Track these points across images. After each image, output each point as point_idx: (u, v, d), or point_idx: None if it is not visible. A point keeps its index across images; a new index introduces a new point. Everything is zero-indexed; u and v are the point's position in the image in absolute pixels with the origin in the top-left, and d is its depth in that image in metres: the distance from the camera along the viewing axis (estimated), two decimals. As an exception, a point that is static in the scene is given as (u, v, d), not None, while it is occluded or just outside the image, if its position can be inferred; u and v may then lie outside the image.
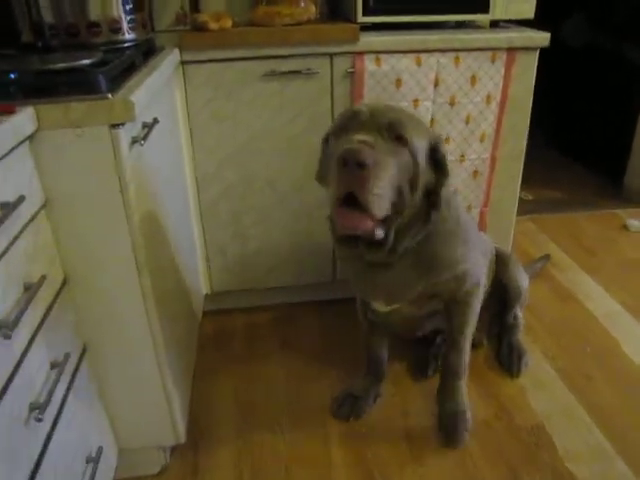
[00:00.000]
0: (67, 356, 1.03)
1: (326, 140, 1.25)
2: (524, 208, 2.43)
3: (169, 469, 1.42)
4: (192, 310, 1.74)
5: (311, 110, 1.71)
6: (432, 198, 1.19)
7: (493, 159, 1.85)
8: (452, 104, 1.73)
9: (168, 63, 1.38)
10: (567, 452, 1.44)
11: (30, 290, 0.90)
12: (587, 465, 1.40)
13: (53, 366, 0.99)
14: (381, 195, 1.06)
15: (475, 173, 1.86)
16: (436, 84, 1.70)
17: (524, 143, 1.85)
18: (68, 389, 1.05)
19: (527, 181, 1.93)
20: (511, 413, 1.56)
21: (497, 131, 1.80)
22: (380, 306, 1.40)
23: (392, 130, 1.09)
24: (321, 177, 1.28)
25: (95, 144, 0.99)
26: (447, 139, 1.78)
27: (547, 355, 1.79)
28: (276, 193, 1.82)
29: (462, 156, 1.83)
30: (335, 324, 1.96)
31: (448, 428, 1.48)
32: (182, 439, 1.38)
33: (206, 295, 1.99)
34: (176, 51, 1.53)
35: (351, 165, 1.01)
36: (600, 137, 3.16)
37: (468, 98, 1.73)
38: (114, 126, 0.99)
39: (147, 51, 1.40)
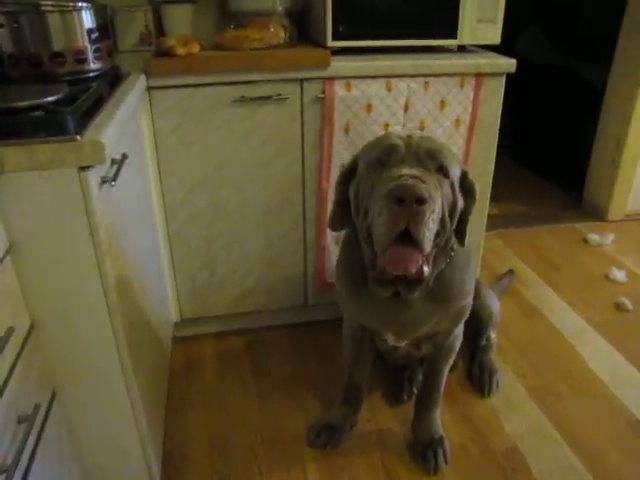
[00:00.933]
0: (37, 407, 0.98)
1: (345, 180, 1.22)
2: (491, 223, 2.45)
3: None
4: (162, 342, 1.70)
5: (281, 135, 1.69)
6: (459, 226, 1.18)
7: (462, 181, 1.87)
8: (422, 128, 1.74)
9: (135, 92, 1.34)
10: (541, 473, 1.46)
11: (-3, 344, 0.86)
12: (561, 487, 1.43)
13: (21, 421, 0.94)
14: (432, 230, 1.05)
15: (444, 195, 1.88)
16: (406, 109, 1.71)
17: (492, 165, 1.88)
18: (37, 442, 1.00)
19: (493, 195, 1.95)
20: (485, 436, 1.58)
21: (466, 154, 1.82)
22: (390, 340, 1.37)
23: (433, 160, 1.08)
24: (336, 224, 1.26)
25: (63, 187, 0.95)
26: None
27: (518, 374, 1.81)
28: (246, 219, 1.80)
29: (432, 178, 1.84)
30: (307, 348, 1.95)
31: (425, 456, 1.48)
32: (157, 481, 1.34)
33: (175, 322, 1.95)
34: (142, 77, 1.49)
35: (409, 202, 1.00)
36: (562, 152, 3.26)
37: (438, 122, 1.75)
38: (83, 168, 0.95)
39: (113, 80, 1.35)
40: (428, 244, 1.06)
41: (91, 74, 1.31)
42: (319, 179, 1.77)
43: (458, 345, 1.45)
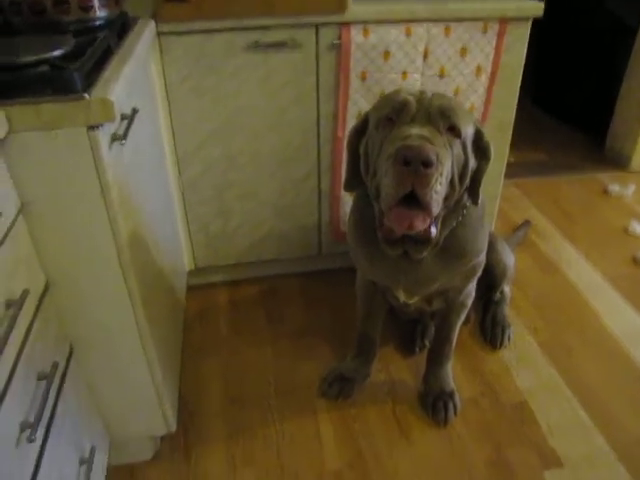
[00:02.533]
0: (55, 365, 1.00)
1: (355, 137, 1.18)
2: (508, 171, 2.39)
3: (161, 455, 1.43)
4: (176, 292, 1.71)
5: (296, 83, 1.63)
6: (472, 186, 1.15)
7: (481, 132, 1.81)
8: (441, 76, 1.67)
9: (144, 40, 1.28)
10: (550, 428, 1.49)
11: (13, 306, 0.86)
12: (568, 441, 1.45)
13: (41, 377, 0.96)
14: (440, 192, 1.02)
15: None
16: (425, 56, 1.63)
17: (513, 115, 1.81)
18: (57, 398, 1.03)
19: (511, 142, 1.89)
20: (496, 391, 1.60)
21: (486, 103, 1.75)
22: (401, 297, 1.37)
23: (444, 119, 1.04)
24: (351, 184, 1.24)
25: (72, 147, 0.92)
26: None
27: (530, 328, 1.82)
28: (260, 168, 1.77)
29: (450, 129, 1.78)
30: (321, 297, 1.96)
31: (435, 408, 1.51)
32: (173, 428, 1.38)
33: (190, 271, 1.96)
34: (152, 23, 1.43)
35: (415, 164, 0.96)
36: (586, 97, 3.12)
37: (458, 70, 1.67)
38: (92, 127, 0.92)
39: (121, 28, 1.29)
40: (435, 206, 1.03)
41: (97, 22, 1.25)
42: (334, 128, 1.72)
43: (470, 301, 1.45)
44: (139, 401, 1.28)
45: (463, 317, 1.47)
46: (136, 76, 1.19)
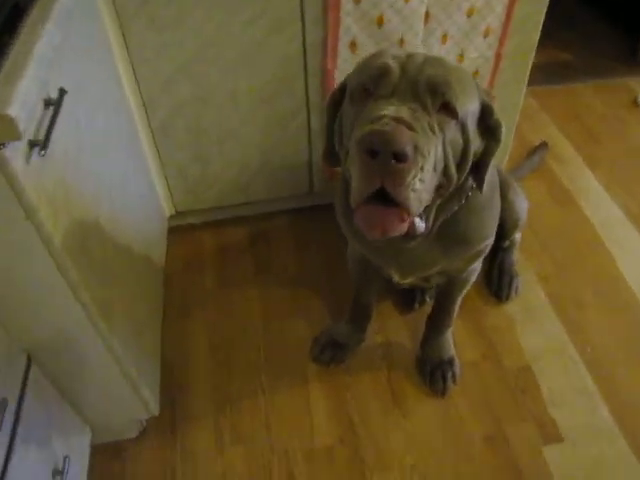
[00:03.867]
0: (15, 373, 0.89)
1: (334, 103, 0.96)
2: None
3: (147, 432, 1.38)
4: (153, 249, 1.57)
5: (277, 7, 1.34)
6: (477, 170, 0.93)
7: (498, 57, 1.53)
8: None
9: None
10: (552, 396, 1.41)
11: None
12: (570, 411, 1.38)
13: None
14: (424, 189, 0.81)
15: (475, 73, 1.55)
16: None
17: (537, 36, 1.51)
18: (17, 414, 0.94)
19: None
20: (498, 353, 1.50)
21: (505, 24, 1.45)
22: (394, 277, 1.21)
23: (435, 95, 0.81)
24: (330, 157, 1.02)
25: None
26: (444, 37, 1.45)
27: (540, 276, 1.68)
28: (239, 107, 1.53)
29: (461, 55, 1.50)
30: (313, 236, 1.81)
31: (433, 377, 1.42)
32: (156, 412, 1.32)
33: (170, 216, 1.80)
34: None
35: (384, 156, 0.75)
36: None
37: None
38: (-4, 145, 0.72)
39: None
40: (416, 204, 0.81)
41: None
42: (323, 59, 1.45)
43: (474, 277, 1.30)
44: (115, 395, 1.20)
45: (466, 290, 1.33)
46: (66, 33, 0.94)
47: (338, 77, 1.48)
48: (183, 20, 1.32)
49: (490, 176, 0.97)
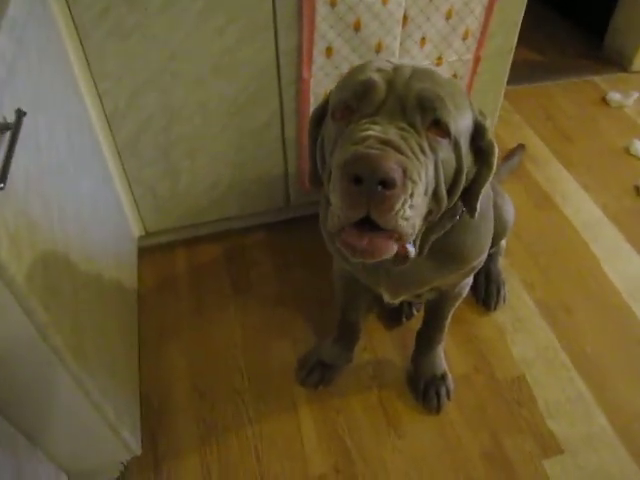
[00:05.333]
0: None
1: (316, 121, 0.88)
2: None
3: (129, 472, 1.27)
4: (123, 273, 1.46)
5: (248, 13, 1.26)
6: (467, 195, 0.86)
7: (476, 60, 1.49)
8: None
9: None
10: (548, 407, 1.37)
11: None
12: (568, 421, 1.35)
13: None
14: (413, 215, 0.74)
15: (453, 77, 1.51)
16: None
17: (515, 37, 1.49)
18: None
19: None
20: (491, 364, 1.46)
21: (484, 26, 1.42)
22: (384, 297, 1.15)
23: (425, 112, 0.74)
24: (316, 180, 0.94)
25: None
26: (423, 40, 1.40)
27: (526, 282, 1.65)
28: (210, 119, 1.44)
29: (439, 58, 1.46)
30: (292, 250, 1.74)
31: (427, 395, 1.37)
32: (138, 452, 1.22)
33: (140, 236, 1.69)
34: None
35: (370, 183, 0.68)
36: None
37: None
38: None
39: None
40: (409, 230, 0.75)
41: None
42: (298, 67, 1.38)
43: (467, 291, 1.24)
44: (93, 439, 1.11)
45: (457, 304, 1.28)
46: (19, 47, 0.85)
47: (314, 86, 1.41)
48: (146, 30, 1.23)
49: (485, 197, 0.91)
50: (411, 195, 0.71)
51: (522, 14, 1.43)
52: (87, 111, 1.31)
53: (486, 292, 1.59)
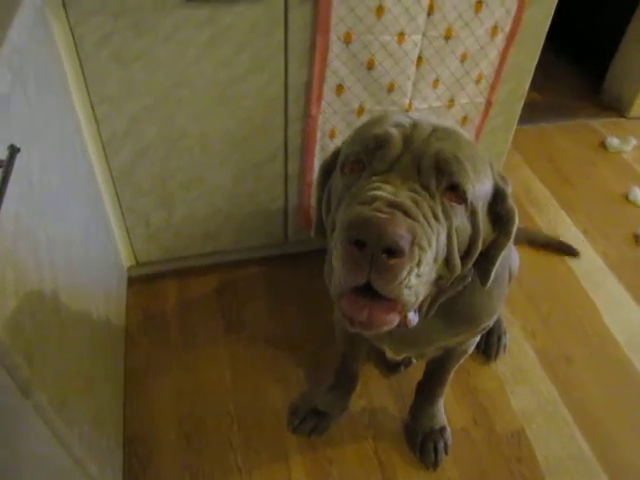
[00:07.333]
0: None
1: (325, 171, 0.83)
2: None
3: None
4: (111, 307, 1.38)
5: (257, 45, 1.22)
6: (482, 262, 0.81)
7: (488, 104, 1.46)
8: (447, 38, 1.28)
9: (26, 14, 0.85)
10: (548, 464, 1.32)
11: None
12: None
13: None
14: (420, 284, 0.69)
15: (464, 119, 1.48)
16: (430, 12, 1.23)
17: (527, 84, 1.46)
18: None
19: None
20: (490, 416, 1.41)
21: (498, 71, 1.39)
22: (387, 353, 1.09)
23: (442, 174, 0.69)
24: (321, 231, 0.87)
25: None
26: (436, 81, 1.36)
27: (527, 331, 1.60)
28: (209, 152, 1.39)
29: (451, 101, 1.42)
30: (287, 287, 1.68)
31: (424, 449, 1.31)
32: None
33: (130, 266, 1.62)
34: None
35: (373, 248, 0.63)
36: (590, 31, 2.69)
37: (469, 29, 1.28)
38: None
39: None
40: (411, 300, 0.69)
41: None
42: (307, 102, 1.34)
43: (473, 347, 1.19)
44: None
45: (463, 361, 1.22)
46: (17, 76, 0.78)
47: (321, 122, 1.37)
48: (151, 57, 1.18)
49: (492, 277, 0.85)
50: (418, 263, 0.66)
51: (536, 60, 1.41)
52: (83, 137, 1.24)
53: (487, 342, 1.54)
